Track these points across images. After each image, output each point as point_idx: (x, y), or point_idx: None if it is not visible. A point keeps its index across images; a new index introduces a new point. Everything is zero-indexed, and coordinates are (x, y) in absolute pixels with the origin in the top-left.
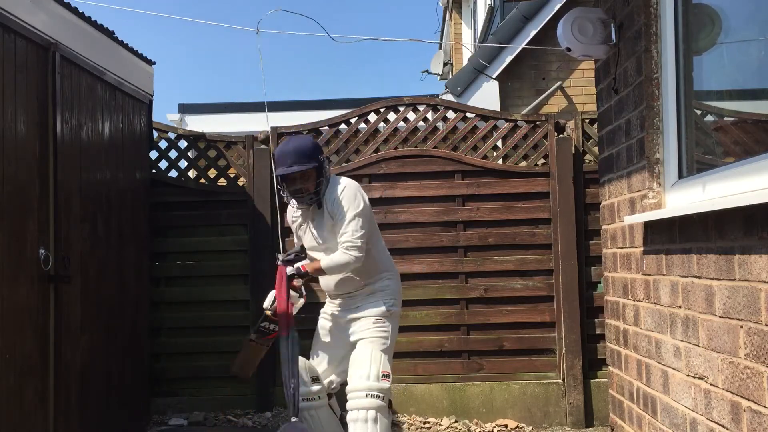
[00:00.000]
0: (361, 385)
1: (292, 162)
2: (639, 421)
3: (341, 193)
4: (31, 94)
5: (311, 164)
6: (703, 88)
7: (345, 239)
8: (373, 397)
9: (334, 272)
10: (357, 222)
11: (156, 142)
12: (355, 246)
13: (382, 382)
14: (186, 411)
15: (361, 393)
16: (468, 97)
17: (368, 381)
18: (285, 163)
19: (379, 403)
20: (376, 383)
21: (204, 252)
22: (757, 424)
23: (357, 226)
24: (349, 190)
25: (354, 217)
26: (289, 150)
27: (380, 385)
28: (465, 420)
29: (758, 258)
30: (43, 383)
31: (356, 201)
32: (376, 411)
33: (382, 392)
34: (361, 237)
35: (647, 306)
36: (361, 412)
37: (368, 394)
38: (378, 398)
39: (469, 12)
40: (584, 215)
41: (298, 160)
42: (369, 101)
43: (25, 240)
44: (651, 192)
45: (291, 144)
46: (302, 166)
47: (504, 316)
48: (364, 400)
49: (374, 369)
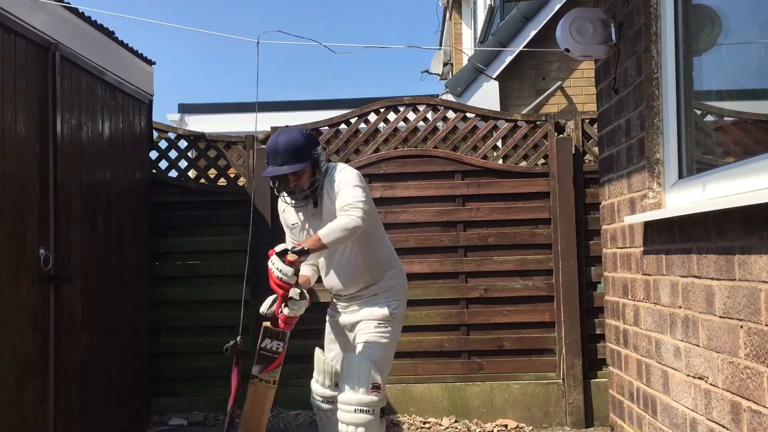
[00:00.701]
0: (350, 399)
1: (283, 161)
2: (639, 421)
3: (339, 173)
4: (31, 94)
5: (304, 163)
6: (703, 88)
7: (344, 202)
8: (361, 412)
9: (334, 239)
10: (357, 189)
11: (156, 142)
12: (356, 207)
13: (371, 396)
14: (186, 411)
15: (350, 407)
16: (468, 97)
17: (357, 394)
18: (275, 161)
19: (367, 418)
20: (365, 397)
21: (204, 252)
22: (757, 424)
23: (357, 192)
24: (348, 170)
25: (354, 186)
26: (279, 147)
27: (369, 399)
28: (465, 420)
29: (758, 258)
30: (43, 383)
31: (356, 179)
32: (365, 427)
33: (371, 405)
34: (362, 201)
35: (647, 306)
36: (350, 428)
37: (356, 409)
38: (366, 413)
39: (469, 12)
40: (584, 215)
41: (290, 159)
42: (369, 101)
43: (25, 240)
44: (651, 192)
45: (281, 139)
46: (294, 167)
47: (504, 316)
48: (352, 415)
49: (363, 381)
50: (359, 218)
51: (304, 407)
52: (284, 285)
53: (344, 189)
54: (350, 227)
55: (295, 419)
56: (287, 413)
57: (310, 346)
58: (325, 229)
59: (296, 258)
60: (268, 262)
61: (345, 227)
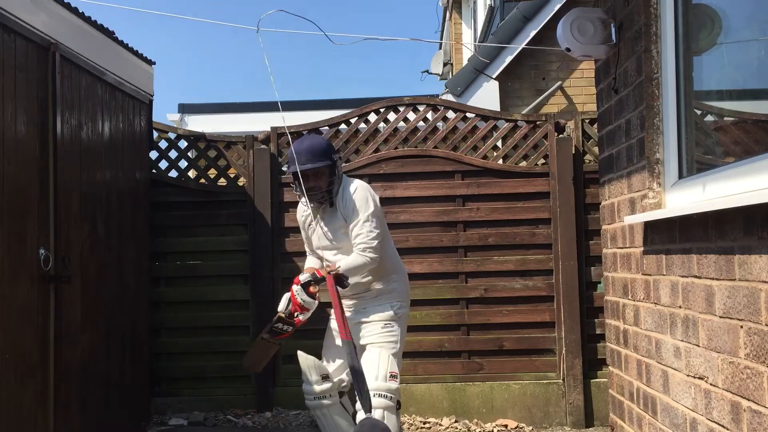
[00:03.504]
0: (372, 385)
1: (306, 160)
2: (639, 421)
3: (353, 194)
4: (31, 94)
5: (324, 162)
6: (703, 88)
7: (360, 241)
8: (380, 396)
9: (352, 274)
10: (371, 223)
11: (156, 142)
12: (370, 247)
13: (389, 383)
14: (186, 411)
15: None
16: (468, 97)
17: (376, 381)
18: (299, 161)
19: (386, 403)
20: (383, 383)
21: (204, 252)
22: (757, 424)
23: (371, 227)
24: (361, 191)
25: (368, 219)
26: (303, 148)
27: (388, 385)
28: (465, 420)
29: (758, 258)
30: (43, 383)
31: (368, 203)
32: (384, 410)
33: (390, 392)
34: (376, 238)
35: (647, 306)
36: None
37: (376, 393)
38: (385, 398)
39: (469, 12)
40: (584, 215)
41: (312, 158)
42: (369, 101)
43: (25, 240)
44: (651, 192)
45: (305, 142)
46: (315, 164)
47: (504, 316)
48: (374, 399)
49: (382, 370)
50: (372, 259)
51: (304, 407)
52: (306, 309)
53: (359, 219)
54: (366, 266)
55: (295, 419)
56: (287, 413)
57: (311, 346)
58: (344, 263)
59: (317, 289)
60: (293, 286)
61: (361, 266)
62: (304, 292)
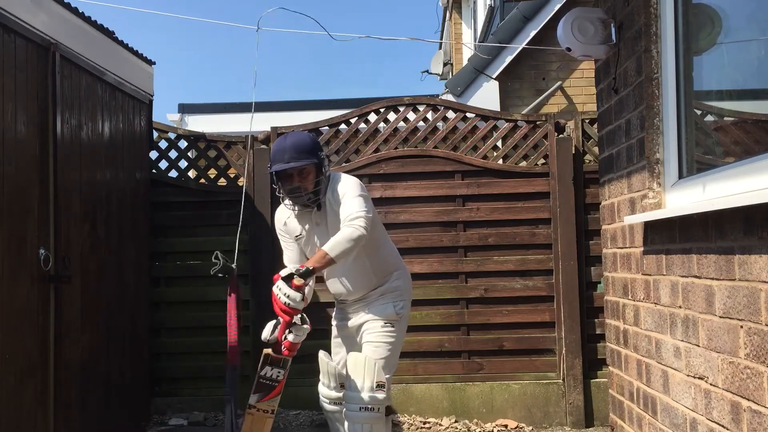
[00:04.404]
0: (355, 397)
1: (290, 158)
2: (639, 421)
3: (342, 183)
4: (31, 94)
5: (310, 160)
6: (703, 88)
7: (348, 213)
8: (366, 410)
9: (341, 252)
10: (358, 200)
11: (156, 142)
12: (358, 217)
13: (376, 393)
14: (186, 411)
15: (355, 406)
16: (468, 97)
17: (362, 393)
18: (282, 159)
19: (373, 416)
20: (369, 394)
21: (204, 252)
22: (757, 424)
23: (359, 201)
24: (350, 180)
25: (356, 197)
26: (287, 145)
27: (374, 396)
28: (465, 420)
29: (758, 258)
30: (43, 383)
31: (356, 188)
32: (371, 425)
33: (377, 404)
34: (364, 210)
35: (647, 306)
36: (356, 426)
37: (362, 407)
38: (372, 410)
39: (469, 12)
40: (584, 215)
41: (296, 156)
42: (369, 101)
43: (25, 240)
44: (651, 192)
45: (289, 139)
46: (300, 162)
47: (504, 316)
48: (358, 413)
49: (368, 381)
50: (362, 227)
51: (304, 407)
52: (291, 311)
53: (346, 200)
54: (354, 237)
55: (295, 419)
56: (287, 413)
57: (311, 346)
58: (329, 244)
59: (303, 282)
60: (273, 287)
61: (350, 238)
62: (287, 286)
